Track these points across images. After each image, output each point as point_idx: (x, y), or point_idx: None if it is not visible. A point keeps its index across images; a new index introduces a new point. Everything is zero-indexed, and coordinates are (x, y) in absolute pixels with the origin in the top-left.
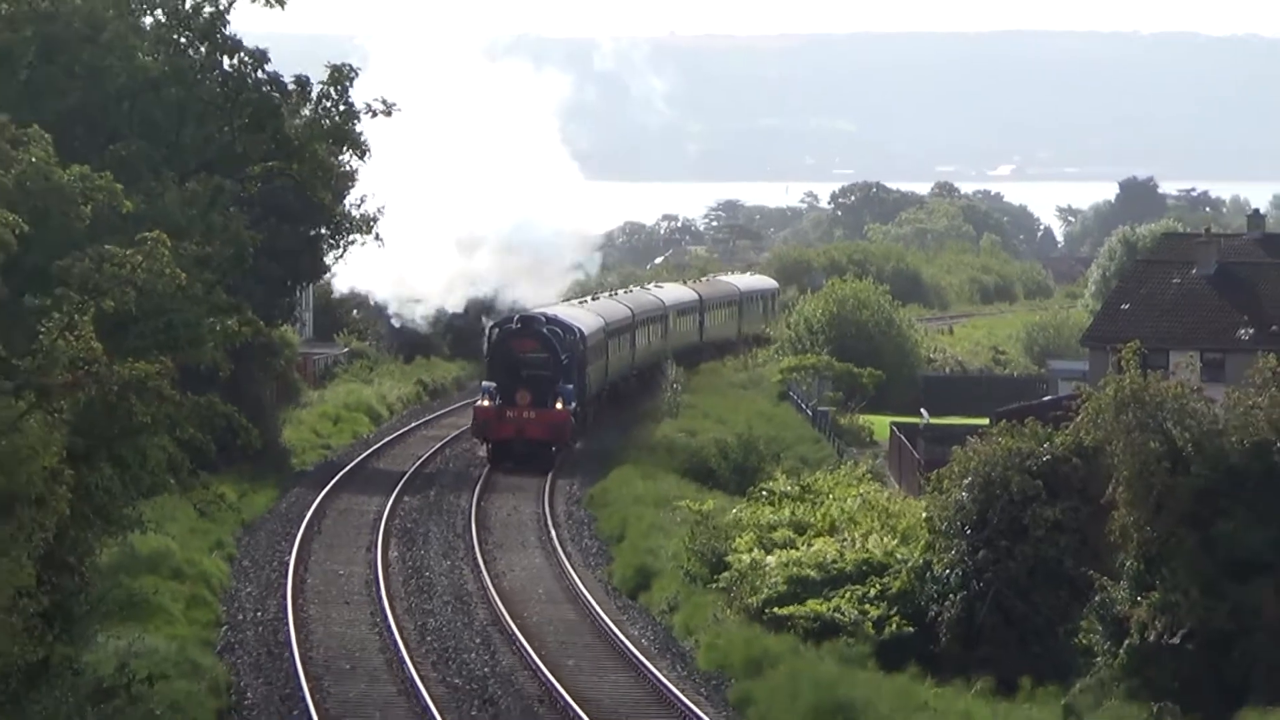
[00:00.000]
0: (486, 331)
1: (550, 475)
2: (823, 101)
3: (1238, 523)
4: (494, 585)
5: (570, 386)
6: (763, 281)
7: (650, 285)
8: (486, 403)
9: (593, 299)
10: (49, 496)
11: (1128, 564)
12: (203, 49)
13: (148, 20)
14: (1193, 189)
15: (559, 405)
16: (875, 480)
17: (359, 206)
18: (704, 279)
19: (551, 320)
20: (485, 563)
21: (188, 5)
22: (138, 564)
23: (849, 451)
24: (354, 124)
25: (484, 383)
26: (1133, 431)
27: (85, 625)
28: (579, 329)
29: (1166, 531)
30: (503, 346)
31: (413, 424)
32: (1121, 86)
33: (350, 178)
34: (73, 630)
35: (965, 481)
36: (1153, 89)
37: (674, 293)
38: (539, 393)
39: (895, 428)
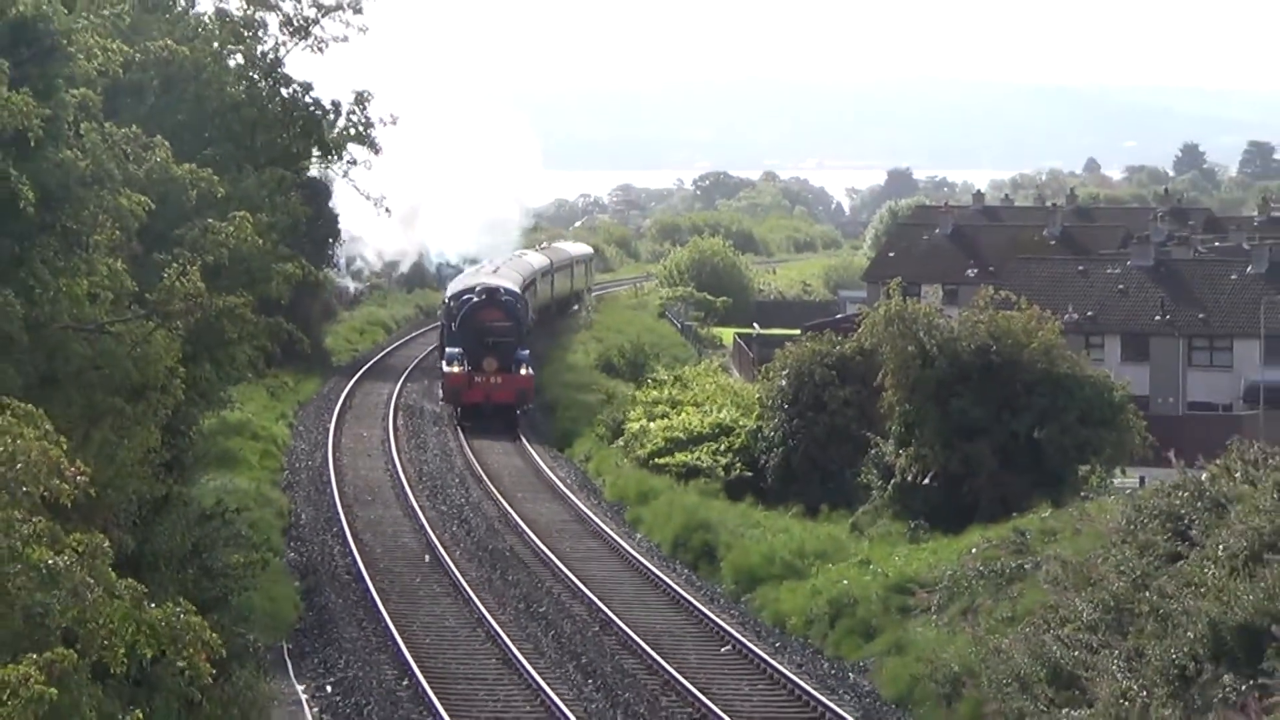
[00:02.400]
0: (446, 302)
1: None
2: (689, 115)
3: (966, 401)
4: (467, 444)
5: (526, 351)
6: (584, 249)
7: (519, 253)
8: (456, 369)
9: (489, 263)
10: (169, 385)
11: (893, 428)
12: (268, 81)
13: (232, 62)
14: (936, 175)
15: (524, 371)
16: (724, 372)
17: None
18: (546, 246)
19: (508, 291)
20: (461, 429)
21: (258, 51)
22: (228, 429)
23: (706, 352)
24: (370, 131)
25: (448, 349)
26: (896, 338)
27: (193, 472)
28: (524, 297)
29: (918, 406)
30: (471, 317)
31: (412, 334)
32: (895, 104)
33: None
34: (184, 475)
35: (784, 372)
36: (915, 107)
37: (538, 259)
38: (504, 359)
39: (737, 336)
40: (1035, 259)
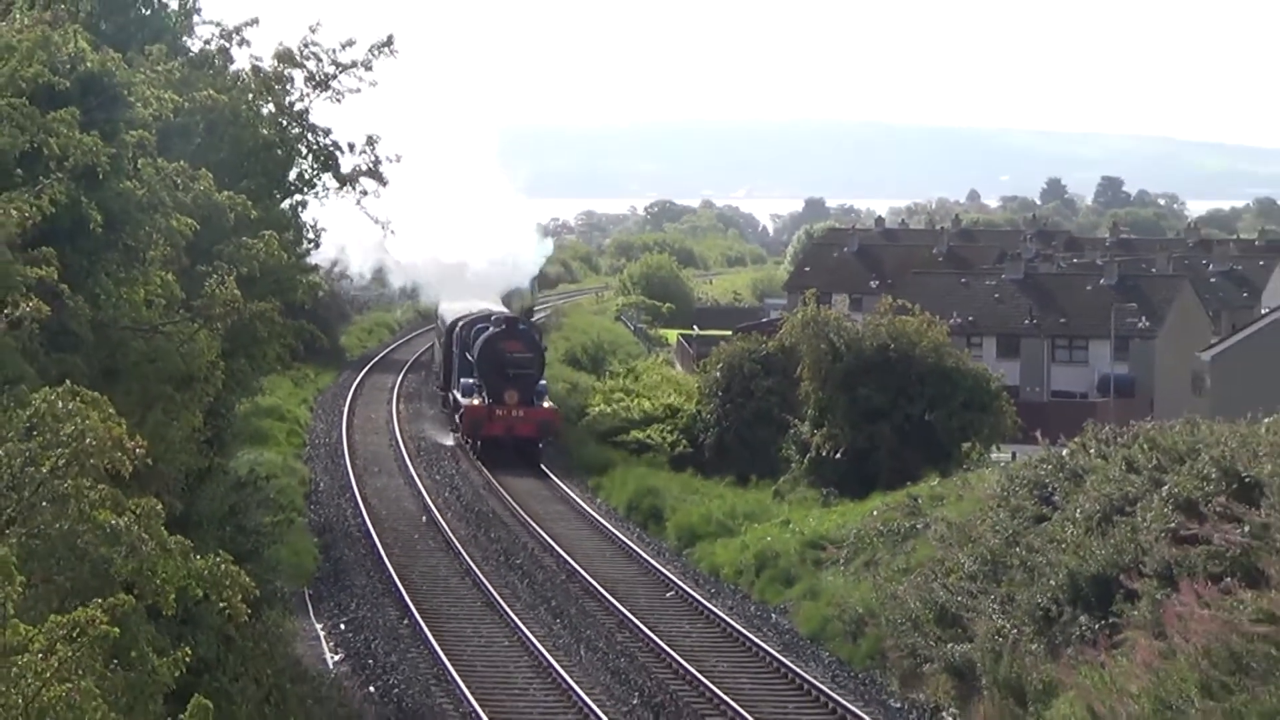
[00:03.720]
0: (451, 328)
1: None
2: (643, 152)
3: (869, 389)
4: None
5: (544, 382)
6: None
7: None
8: (475, 401)
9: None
10: (210, 376)
11: (808, 412)
12: (295, 125)
13: (264, 109)
14: (845, 203)
15: (546, 404)
16: (669, 365)
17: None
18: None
19: (525, 321)
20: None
21: (286, 101)
22: (260, 412)
23: (654, 350)
24: (379, 166)
25: (463, 380)
26: (812, 338)
27: (230, 447)
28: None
29: (830, 394)
30: (491, 348)
31: (411, 334)
32: (811, 143)
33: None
34: (223, 450)
35: (719, 366)
36: (828, 145)
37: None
38: (525, 391)
39: (680, 336)
40: (926, 273)
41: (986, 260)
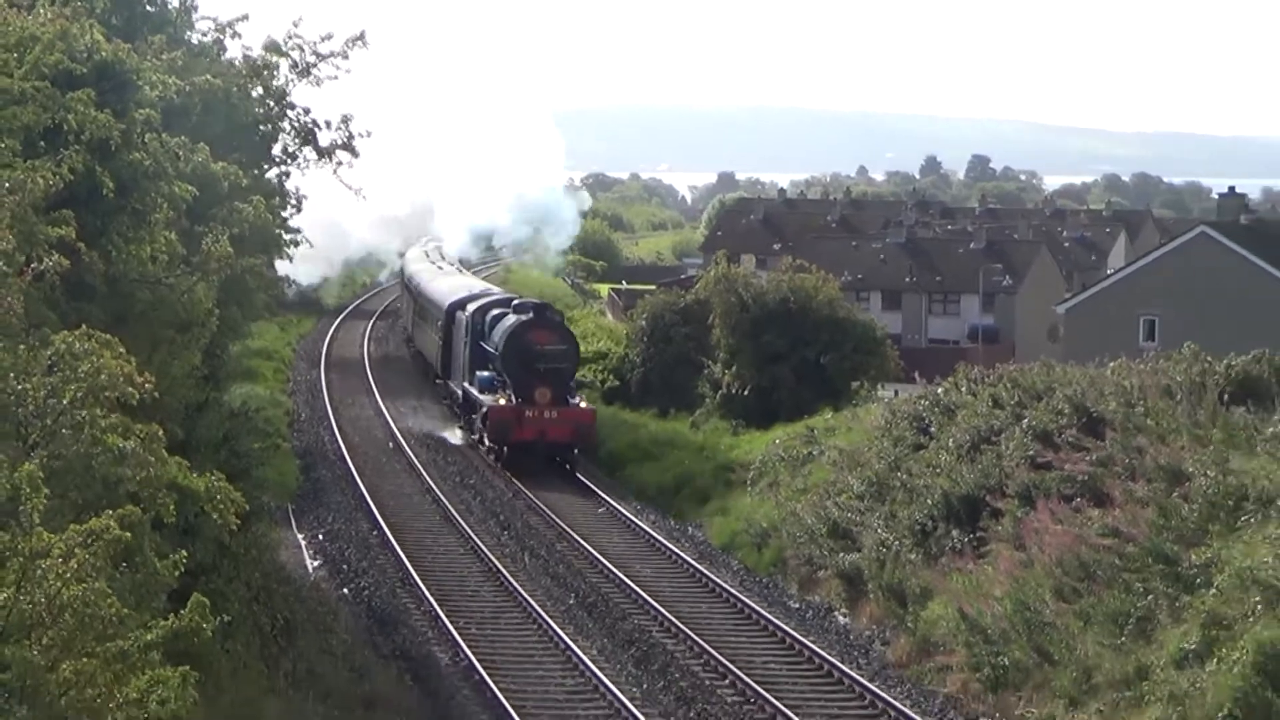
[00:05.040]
0: (453, 308)
1: None
2: (581, 132)
3: (772, 336)
4: (414, 361)
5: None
6: None
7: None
8: (502, 402)
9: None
10: (207, 322)
11: (720, 355)
12: (279, 105)
13: (254, 92)
14: (753, 176)
15: (583, 403)
16: (602, 315)
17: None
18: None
19: (550, 306)
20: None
21: (273, 85)
22: (250, 353)
23: (589, 302)
24: (352, 141)
25: (478, 374)
26: (723, 292)
27: (224, 383)
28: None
29: (738, 340)
30: (518, 339)
31: (381, 288)
32: (723, 124)
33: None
34: (219, 385)
35: (644, 316)
36: (737, 126)
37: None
38: (558, 389)
39: (611, 290)
40: (821, 237)
41: (873, 226)
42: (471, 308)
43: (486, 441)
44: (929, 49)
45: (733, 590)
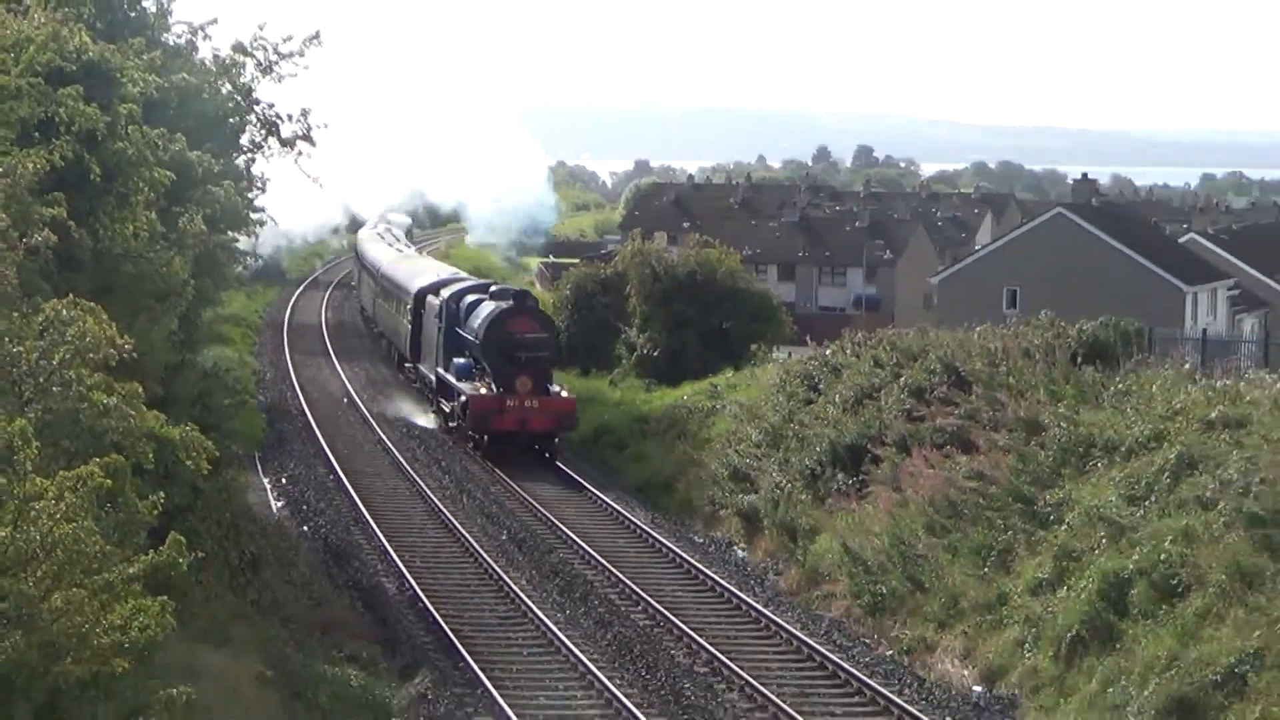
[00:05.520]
0: (421, 293)
1: None
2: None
3: (681, 304)
4: (366, 326)
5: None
6: (404, 218)
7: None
8: (483, 391)
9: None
10: (183, 291)
11: (636, 321)
12: (246, 100)
13: (223, 89)
14: (666, 164)
15: (564, 392)
16: (533, 285)
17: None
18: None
19: (529, 293)
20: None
21: (240, 81)
22: (220, 319)
23: (520, 273)
24: (310, 132)
25: (455, 360)
26: (639, 265)
27: (198, 346)
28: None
29: (652, 308)
30: (498, 327)
31: (338, 260)
32: (639, 117)
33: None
34: (193, 348)
35: (568, 286)
36: (651, 119)
37: (398, 221)
38: (539, 378)
39: (540, 263)
40: (725, 217)
41: (770, 208)
42: (445, 294)
43: (467, 430)
44: (820, 49)
45: (645, 527)
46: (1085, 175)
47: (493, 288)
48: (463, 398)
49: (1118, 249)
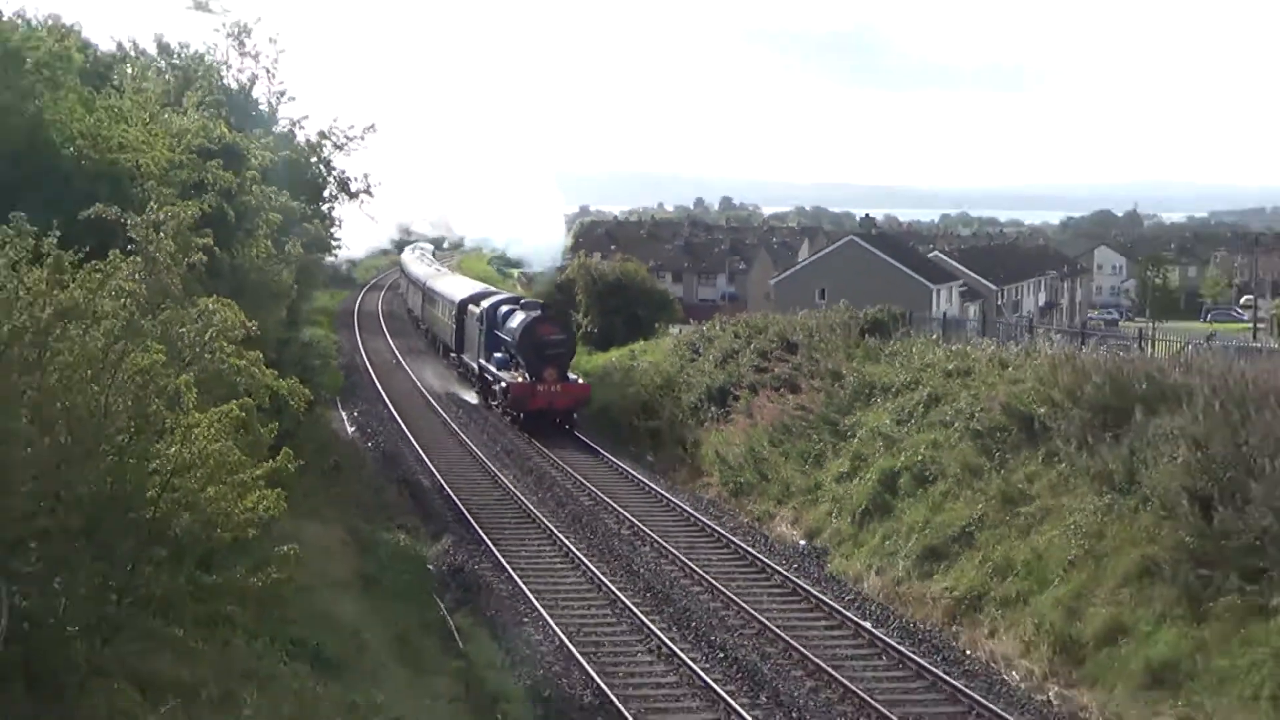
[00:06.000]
0: (464, 303)
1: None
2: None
3: (612, 302)
4: (409, 312)
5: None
6: (428, 244)
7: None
8: (519, 379)
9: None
10: (289, 292)
11: (581, 309)
12: (326, 167)
13: (313, 160)
14: (596, 208)
15: (580, 380)
16: (516, 286)
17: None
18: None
19: (552, 305)
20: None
21: (323, 154)
22: (313, 310)
23: (506, 280)
24: (371, 188)
25: (495, 354)
26: (584, 274)
27: (298, 327)
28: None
29: (590, 300)
30: (531, 332)
31: (388, 271)
32: (579, 175)
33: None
34: (295, 328)
35: (537, 288)
36: (580, 176)
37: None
38: (561, 369)
39: (519, 273)
40: (638, 242)
41: (667, 236)
42: (485, 304)
43: (507, 408)
44: (699, 129)
45: (587, 441)
46: (867, 215)
47: (522, 300)
48: (504, 384)
49: (888, 261)
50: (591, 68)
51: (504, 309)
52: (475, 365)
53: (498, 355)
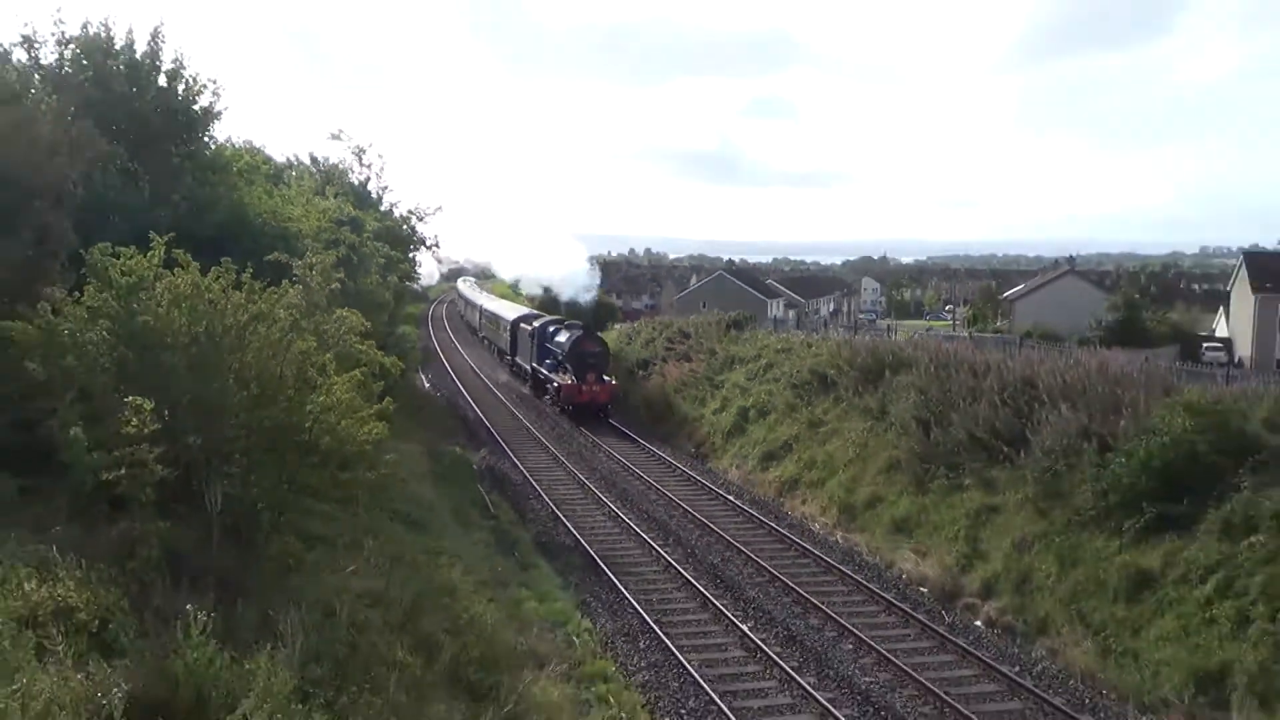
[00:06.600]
0: (532, 328)
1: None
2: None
3: (588, 310)
4: (439, 312)
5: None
6: (472, 276)
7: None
8: (569, 381)
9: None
10: (390, 304)
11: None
12: (405, 228)
13: (404, 228)
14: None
15: (614, 381)
16: (530, 303)
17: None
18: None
19: (590, 327)
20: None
21: (411, 223)
22: (405, 315)
23: (521, 297)
24: (438, 240)
25: (547, 360)
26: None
27: (396, 324)
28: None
29: (573, 315)
30: (577, 346)
31: (446, 292)
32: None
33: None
34: (394, 325)
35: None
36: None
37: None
38: (599, 374)
39: (528, 296)
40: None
41: (613, 271)
42: (536, 324)
43: (559, 403)
44: (631, 199)
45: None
46: (730, 259)
47: (566, 321)
48: (555, 384)
49: (742, 285)
50: (558, 162)
51: (551, 328)
52: (529, 367)
53: (548, 361)
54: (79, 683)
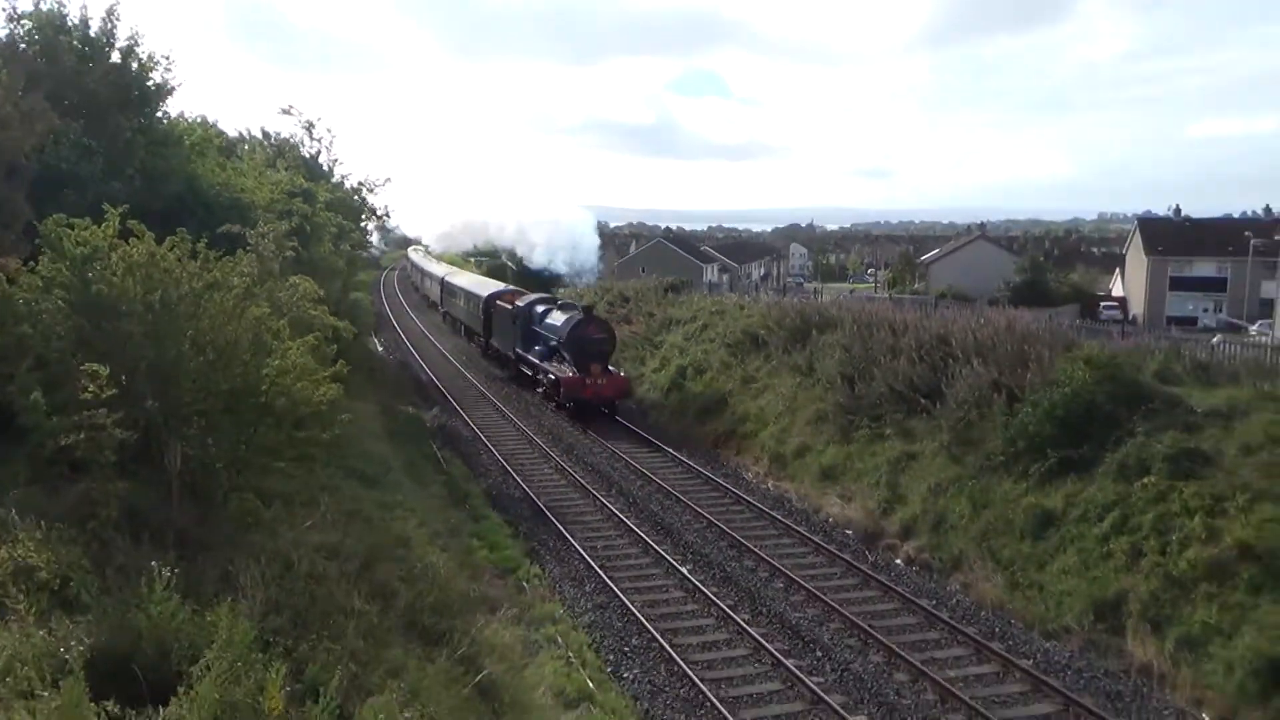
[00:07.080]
0: (490, 298)
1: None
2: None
3: (535, 278)
4: (404, 288)
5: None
6: (420, 245)
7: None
8: (570, 374)
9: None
10: (342, 271)
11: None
12: (359, 198)
13: (357, 198)
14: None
15: (621, 373)
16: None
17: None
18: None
19: (592, 309)
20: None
21: (365, 195)
22: (357, 281)
23: (470, 264)
24: (390, 212)
25: (535, 347)
26: (519, 264)
27: (349, 291)
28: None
29: (518, 280)
30: (577, 333)
31: (399, 261)
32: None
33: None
34: (347, 292)
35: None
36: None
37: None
38: (604, 364)
39: (474, 259)
40: None
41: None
42: (520, 303)
43: (559, 399)
44: (572, 173)
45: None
46: (668, 227)
47: (559, 301)
48: (553, 376)
49: (679, 251)
50: (507, 138)
51: (540, 308)
52: (511, 354)
53: (538, 348)
54: (40, 639)
